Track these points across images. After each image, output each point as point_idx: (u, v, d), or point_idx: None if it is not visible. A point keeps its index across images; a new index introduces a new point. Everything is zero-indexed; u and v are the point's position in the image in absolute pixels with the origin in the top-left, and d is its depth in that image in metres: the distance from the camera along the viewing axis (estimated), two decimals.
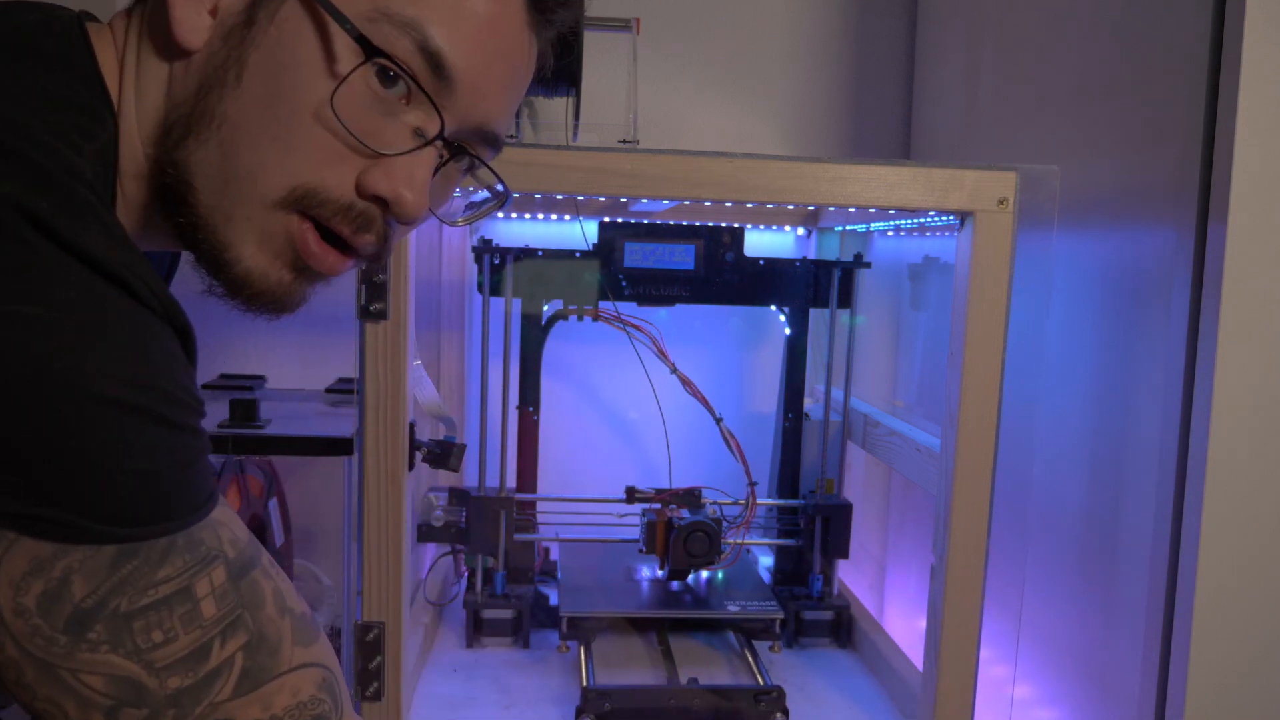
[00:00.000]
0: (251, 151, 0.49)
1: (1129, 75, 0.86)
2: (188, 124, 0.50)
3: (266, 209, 0.50)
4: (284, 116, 0.49)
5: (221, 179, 0.50)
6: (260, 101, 0.49)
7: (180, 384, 0.45)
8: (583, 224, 1.15)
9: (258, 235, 0.51)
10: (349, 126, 0.49)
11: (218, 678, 0.46)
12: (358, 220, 0.52)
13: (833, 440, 1.21)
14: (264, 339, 1.35)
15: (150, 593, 0.43)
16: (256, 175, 0.49)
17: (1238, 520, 0.75)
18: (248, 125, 0.49)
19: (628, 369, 1.12)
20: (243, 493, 1.00)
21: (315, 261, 0.52)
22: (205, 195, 0.50)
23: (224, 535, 0.47)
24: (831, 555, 1.17)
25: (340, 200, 0.51)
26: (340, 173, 0.51)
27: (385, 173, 0.51)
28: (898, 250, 1.28)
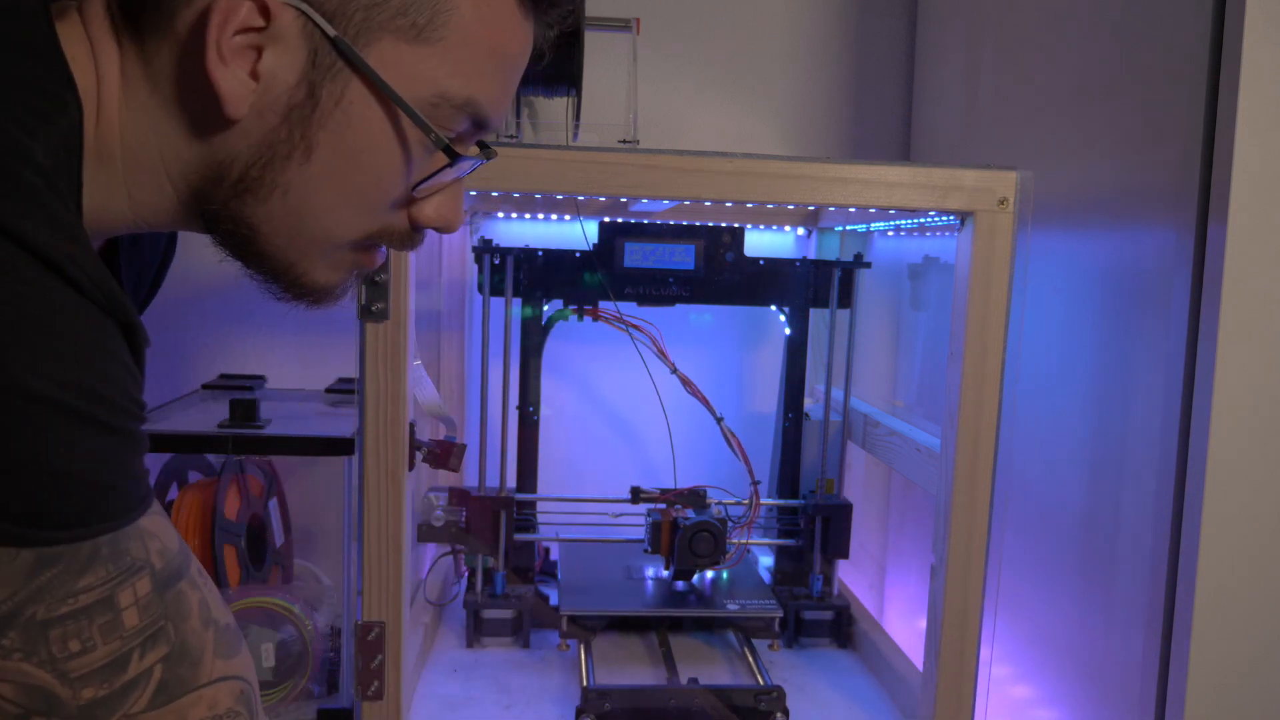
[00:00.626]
0: (326, 215, 0.54)
1: (1129, 75, 0.86)
2: (243, 185, 0.52)
3: (340, 249, 0.56)
4: (360, 189, 0.54)
5: (290, 230, 0.54)
6: (332, 176, 0.53)
7: (115, 383, 0.44)
8: (583, 224, 1.15)
9: (331, 264, 0.56)
10: (418, 196, 0.56)
11: (134, 689, 0.45)
12: (413, 241, 0.58)
13: (833, 440, 1.21)
14: (264, 339, 1.35)
15: (70, 601, 0.43)
16: (331, 231, 0.54)
17: (1238, 520, 0.75)
18: (320, 194, 0.53)
19: (628, 369, 1.12)
20: (243, 493, 1.00)
21: (371, 270, 0.60)
22: (273, 239, 0.54)
23: (152, 546, 0.46)
24: (831, 555, 1.17)
25: (402, 234, 0.57)
26: (401, 216, 0.57)
27: (433, 208, 0.57)
28: (898, 250, 1.28)
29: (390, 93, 0.51)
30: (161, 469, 1.02)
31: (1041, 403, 0.98)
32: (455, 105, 0.54)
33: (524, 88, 1.15)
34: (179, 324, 1.33)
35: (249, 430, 0.97)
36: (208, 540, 0.95)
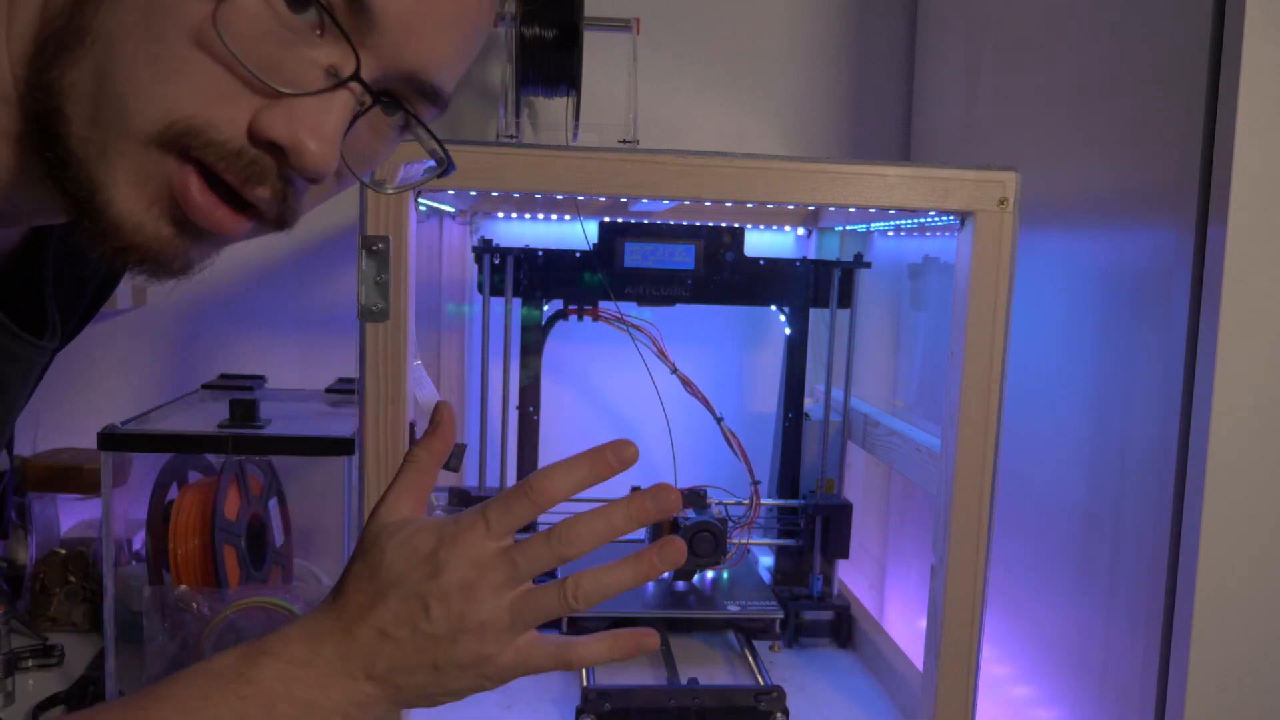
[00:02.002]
0: (126, 75, 0.41)
1: (1129, 75, 0.86)
2: (61, 39, 0.42)
3: (142, 145, 0.42)
4: (160, 34, 0.41)
5: (94, 105, 0.41)
6: (139, 14, 0.41)
7: None
8: (583, 224, 1.15)
9: (132, 175, 0.42)
10: (239, 53, 0.41)
11: None
12: (248, 169, 0.43)
13: (833, 440, 1.21)
14: (264, 339, 1.35)
15: None
16: (129, 103, 0.41)
17: (1238, 520, 0.75)
18: (124, 43, 0.41)
19: (628, 369, 1.12)
20: (243, 493, 1.00)
21: (199, 215, 0.43)
22: (77, 125, 0.42)
23: None
24: (831, 555, 1.17)
25: (228, 143, 0.43)
26: (231, 111, 0.42)
27: (286, 115, 0.42)
28: (898, 250, 1.28)
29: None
30: (161, 469, 1.02)
31: (1041, 402, 0.98)
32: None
33: (524, 88, 1.15)
34: (179, 324, 1.33)
35: (249, 430, 0.97)
36: (208, 540, 0.95)
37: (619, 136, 1.25)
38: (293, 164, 0.43)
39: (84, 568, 1.14)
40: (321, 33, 0.43)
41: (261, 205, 0.45)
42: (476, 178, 0.81)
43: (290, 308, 1.35)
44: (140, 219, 0.43)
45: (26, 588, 1.16)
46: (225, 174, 0.43)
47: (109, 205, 0.42)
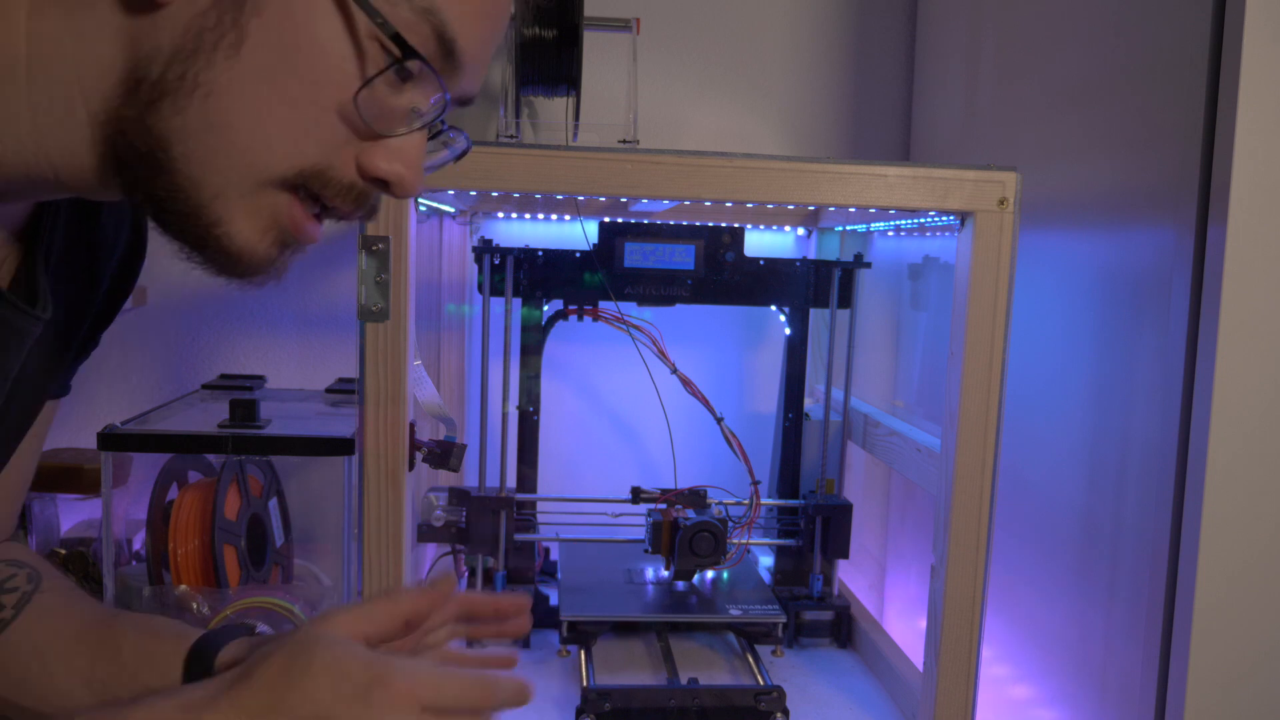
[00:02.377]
0: (254, 130, 0.46)
1: (1129, 75, 0.86)
2: (160, 88, 0.45)
3: (263, 186, 0.48)
4: (296, 97, 0.46)
5: (211, 153, 0.46)
6: (264, 78, 0.45)
7: None
8: (583, 224, 1.15)
9: (249, 211, 0.48)
10: (366, 118, 0.48)
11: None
12: (358, 200, 0.51)
13: (833, 440, 1.21)
14: (264, 339, 1.35)
15: None
16: (259, 154, 0.47)
17: (1238, 520, 0.75)
18: (247, 101, 0.45)
19: (628, 369, 1.12)
20: (243, 493, 1.00)
21: (303, 236, 0.51)
22: (189, 166, 0.46)
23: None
24: (831, 555, 1.17)
25: (344, 181, 0.50)
26: (345, 155, 0.49)
27: (386, 155, 0.50)
28: (898, 250, 1.28)
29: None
30: (161, 469, 1.02)
31: (1041, 403, 0.98)
32: (416, 9, 0.47)
33: (524, 88, 1.15)
34: (179, 324, 1.33)
35: (249, 430, 0.97)
36: (208, 540, 0.95)
37: (619, 136, 1.25)
38: (393, 191, 0.51)
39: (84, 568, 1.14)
40: (406, 81, 0.49)
41: (352, 217, 0.53)
42: (476, 178, 0.81)
43: (290, 308, 1.35)
44: (255, 247, 0.49)
45: None
46: (338, 205, 0.51)
47: (228, 238, 0.48)
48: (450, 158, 0.58)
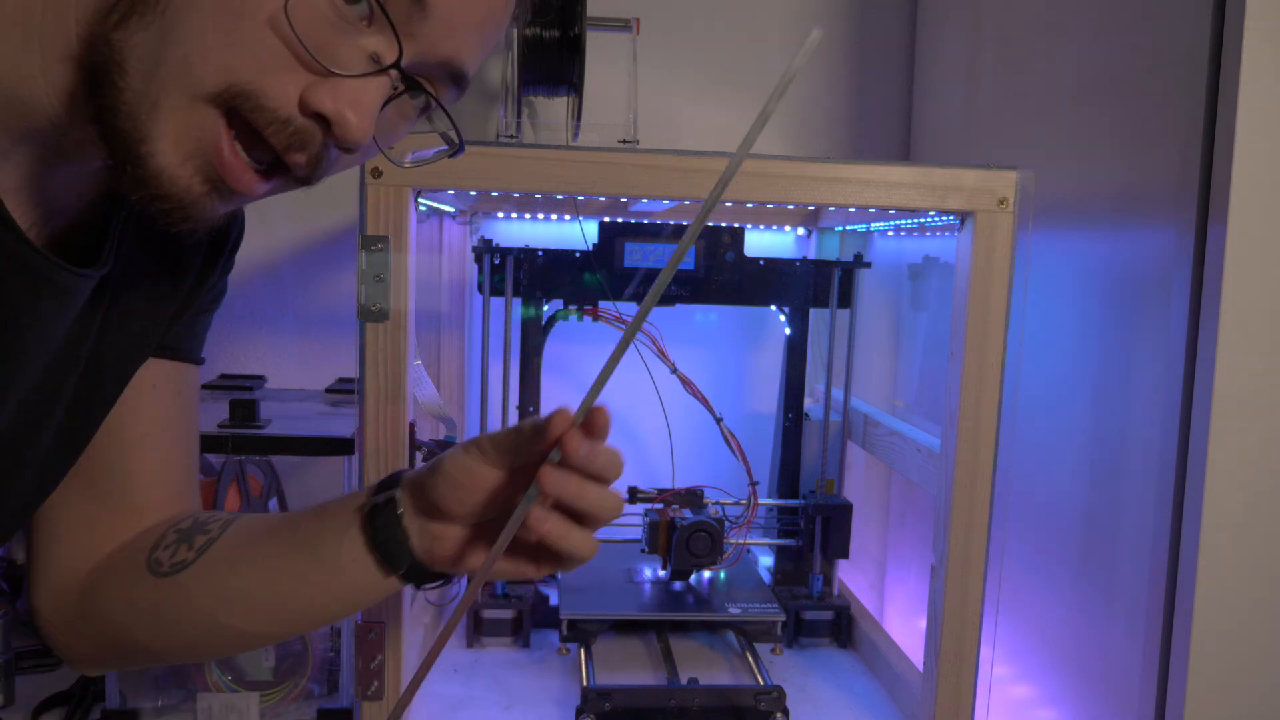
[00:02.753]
0: (193, 40, 0.46)
1: (1129, 75, 0.86)
2: (131, 4, 0.46)
3: (194, 100, 0.47)
4: (234, 11, 0.46)
5: (154, 64, 0.46)
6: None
7: None
8: (582, 224, 1.15)
9: (177, 129, 0.47)
10: (302, 36, 0.46)
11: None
12: (294, 136, 0.49)
13: (833, 440, 1.21)
14: (264, 339, 1.35)
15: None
16: (192, 63, 0.46)
17: (1238, 520, 0.75)
18: (195, 14, 0.46)
19: (628, 369, 1.12)
20: (243, 493, 1.00)
21: (228, 174, 0.49)
22: (134, 79, 0.46)
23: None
24: (831, 555, 1.17)
25: (279, 111, 0.48)
26: (284, 83, 0.48)
27: (332, 92, 0.48)
28: (898, 250, 1.28)
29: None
30: None
31: (1041, 402, 0.98)
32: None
33: (524, 88, 1.15)
34: None
35: (249, 430, 0.97)
36: None
37: (619, 136, 1.25)
38: (335, 134, 0.49)
39: None
40: (370, 23, 0.49)
41: (297, 170, 0.50)
42: (476, 178, 0.81)
43: (290, 308, 1.35)
44: (175, 172, 0.47)
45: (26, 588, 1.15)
46: (271, 138, 0.48)
47: (150, 156, 0.47)
48: (443, 151, 0.58)
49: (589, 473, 0.57)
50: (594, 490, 0.58)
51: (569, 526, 0.58)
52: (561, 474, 0.56)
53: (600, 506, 0.58)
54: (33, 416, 0.59)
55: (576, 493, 0.57)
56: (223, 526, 0.67)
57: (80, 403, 0.63)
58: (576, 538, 0.58)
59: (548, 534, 0.57)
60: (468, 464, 0.60)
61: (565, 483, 0.56)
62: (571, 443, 0.56)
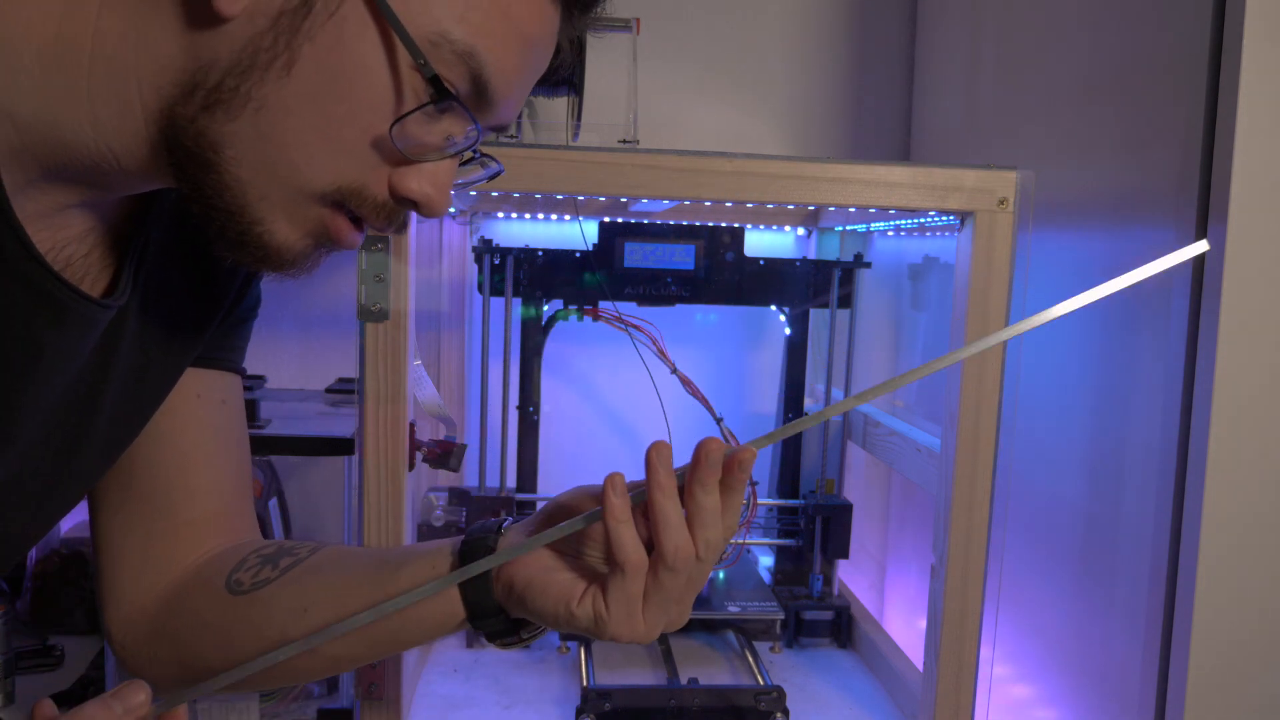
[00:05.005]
0: (299, 145, 0.50)
1: (1129, 75, 0.86)
2: (216, 96, 0.48)
3: (307, 199, 0.51)
4: (339, 120, 0.50)
5: (260, 161, 0.50)
6: (311, 99, 0.49)
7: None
8: (582, 224, 1.15)
9: (292, 217, 0.52)
10: (401, 146, 0.51)
11: None
12: (389, 217, 0.54)
13: (833, 440, 1.21)
14: (264, 339, 1.35)
15: None
16: (302, 169, 0.50)
17: (1238, 520, 0.75)
18: (295, 118, 0.49)
19: (628, 369, 1.12)
20: None
21: (345, 246, 0.54)
22: (238, 169, 0.49)
23: None
24: (831, 555, 1.17)
25: (378, 200, 0.53)
26: (380, 175, 0.52)
27: (418, 178, 0.53)
28: (898, 250, 1.28)
29: (389, 13, 0.48)
30: None
31: (1041, 403, 0.98)
32: (457, 52, 0.50)
33: None
34: None
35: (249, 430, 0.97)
36: None
37: (619, 136, 1.25)
38: (421, 212, 0.54)
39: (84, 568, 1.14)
40: (442, 113, 0.52)
41: (385, 233, 0.56)
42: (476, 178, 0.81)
43: (290, 308, 1.35)
44: (294, 245, 0.53)
45: (26, 588, 1.16)
46: (371, 220, 0.54)
47: (268, 235, 0.52)
48: (483, 177, 0.62)
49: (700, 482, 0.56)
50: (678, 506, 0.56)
51: (631, 521, 0.55)
52: (669, 463, 0.56)
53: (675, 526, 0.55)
54: (62, 443, 0.60)
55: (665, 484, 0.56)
56: (311, 551, 0.67)
57: (124, 424, 0.64)
58: (627, 532, 0.55)
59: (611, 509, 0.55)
60: (591, 489, 0.59)
61: (665, 469, 0.56)
62: (711, 443, 0.56)
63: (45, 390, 0.56)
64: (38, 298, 0.52)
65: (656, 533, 0.55)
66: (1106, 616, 0.87)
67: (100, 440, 0.62)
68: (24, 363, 0.54)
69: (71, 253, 0.56)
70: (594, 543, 0.58)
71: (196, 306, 0.66)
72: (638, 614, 0.56)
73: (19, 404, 0.55)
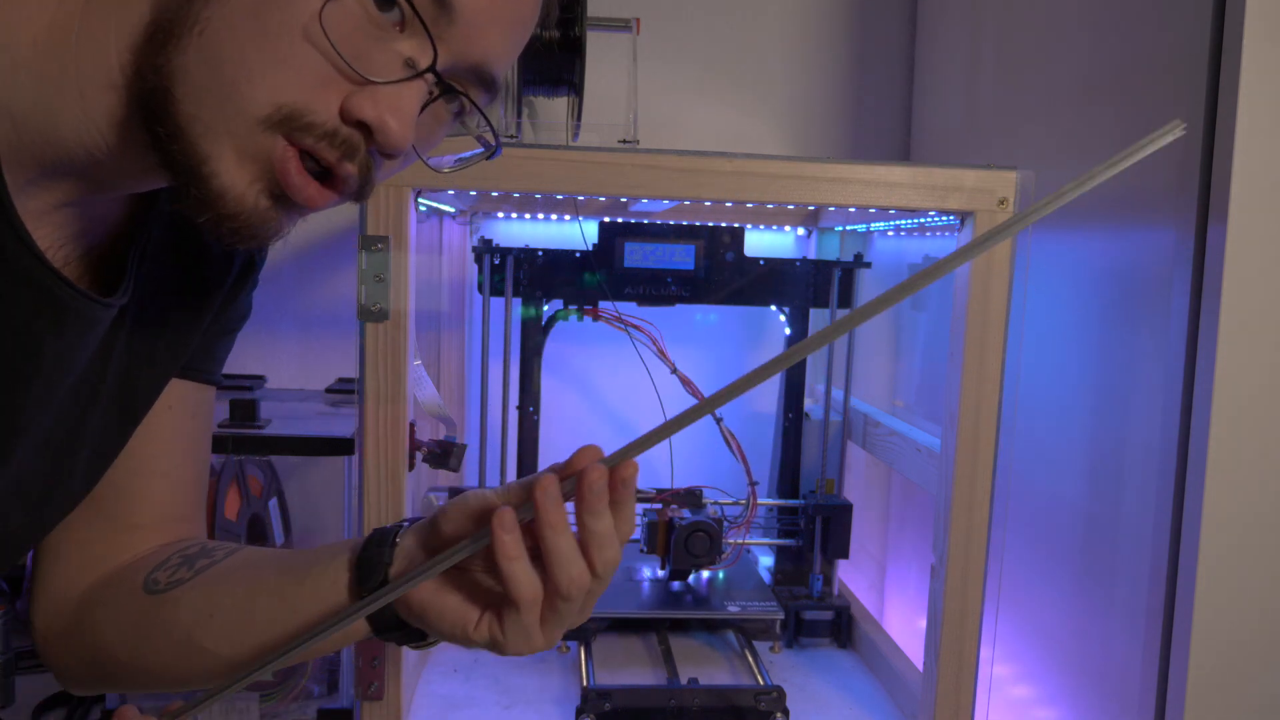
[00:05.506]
0: (236, 63, 0.46)
1: (1129, 75, 0.86)
2: (169, 28, 0.47)
3: (249, 125, 0.47)
4: (272, 29, 0.46)
5: (202, 88, 0.47)
6: (246, 10, 0.46)
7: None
8: (582, 224, 1.15)
9: (237, 151, 0.48)
10: (338, 47, 0.47)
11: None
12: (342, 146, 0.49)
13: (833, 440, 1.21)
14: (264, 339, 1.35)
15: None
16: (241, 88, 0.47)
17: (1238, 520, 0.75)
18: (233, 35, 0.46)
19: (628, 369, 1.12)
20: (243, 493, 1.00)
21: (294, 191, 0.49)
22: (186, 104, 0.47)
23: None
24: (831, 555, 1.17)
25: (325, 124, 0.49)
26: (326, 95, 0.48)
27: (371, 99, 0.48)
28: (898, 250, 1.28)
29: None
30: None
31: (1041, 402, 0.98)
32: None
33: (524, 88, 1.15)
34: None
35: (249, 430, 0.97)
36: None
37: (619, 136, 1.25)
38: (377, 140, 0.49)
39: None
40: (402, 29, 0.49)
41: (349, 180, 0.51)
42: (477, 178, 0.81)
43: (290, 308, 1.35)
44: (242, 191, 0.48)
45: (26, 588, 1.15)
46: (322, 153, 0.49)
47: (214, 177, 0.48)
48: (480, 153, 0.59)
49: (589, 510, 0.53)
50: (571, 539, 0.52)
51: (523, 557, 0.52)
52: (557, 498, 0.52)
53: (569, 560, 0.52)
54: (61, 444, 0.60)
55: (555, 521, 0.52)
56: (228, 553, 0.66)
57: (112, 427, 0.63)
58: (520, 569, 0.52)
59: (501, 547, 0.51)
60: (481, 493, 0.56)
61: (554, 506, 0.52)
62: (586, 464, 0.53)
63: (48, 389, 0.56)
64: (39, 296, 0.52)
65: (550, 568, 0.52)
66: (1106, 616, 0.87)
67: (96, 440, 0.62)
68: (26, 361, 0.54)
69: (69, 251, 0.56)
70: (480, 560, 0.55)
71: (188, 311, 0.66)
72: (535, 635, 0.54)
73: (23, 404, 0.55)
